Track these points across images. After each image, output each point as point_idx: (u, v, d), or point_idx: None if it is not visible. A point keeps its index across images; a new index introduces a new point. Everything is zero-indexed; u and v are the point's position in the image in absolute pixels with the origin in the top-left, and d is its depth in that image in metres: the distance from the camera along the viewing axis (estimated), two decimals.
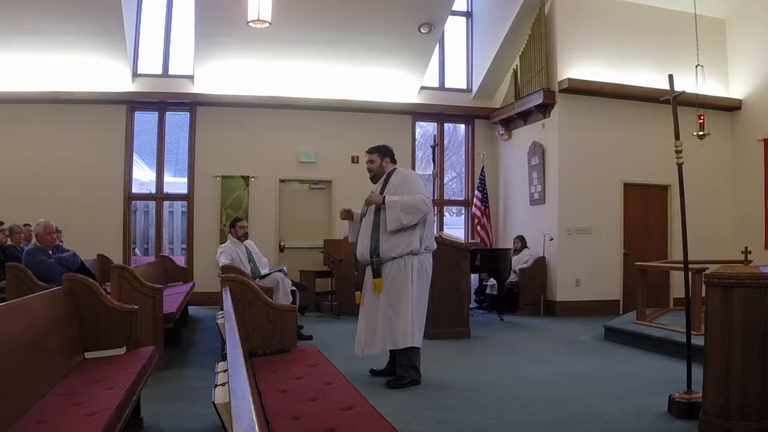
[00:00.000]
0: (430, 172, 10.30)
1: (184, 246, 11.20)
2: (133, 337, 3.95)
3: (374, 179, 5.03)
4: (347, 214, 5.10)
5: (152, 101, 9.95)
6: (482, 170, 10.57)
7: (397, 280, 4.71)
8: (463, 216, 11.71)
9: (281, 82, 9.92)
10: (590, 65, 9.24)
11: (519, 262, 9.40)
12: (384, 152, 5.02)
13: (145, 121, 11.22)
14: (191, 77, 9.90)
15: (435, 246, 4.96)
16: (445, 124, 11.49)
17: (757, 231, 9.14)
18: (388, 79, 10.31)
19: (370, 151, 5.05)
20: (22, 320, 2.96)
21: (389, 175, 4.93)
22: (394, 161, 5.04)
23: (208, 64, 9.63)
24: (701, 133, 7.68)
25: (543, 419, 3.89)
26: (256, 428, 1.29)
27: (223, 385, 2.12)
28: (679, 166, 4.26)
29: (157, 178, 10.30)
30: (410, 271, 4.73)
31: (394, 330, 4.68)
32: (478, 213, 10.52)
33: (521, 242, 9.74)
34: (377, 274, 4.73)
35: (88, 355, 3.75)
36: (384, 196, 4.72)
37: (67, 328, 3.60)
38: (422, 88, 10.68)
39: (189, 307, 8.08)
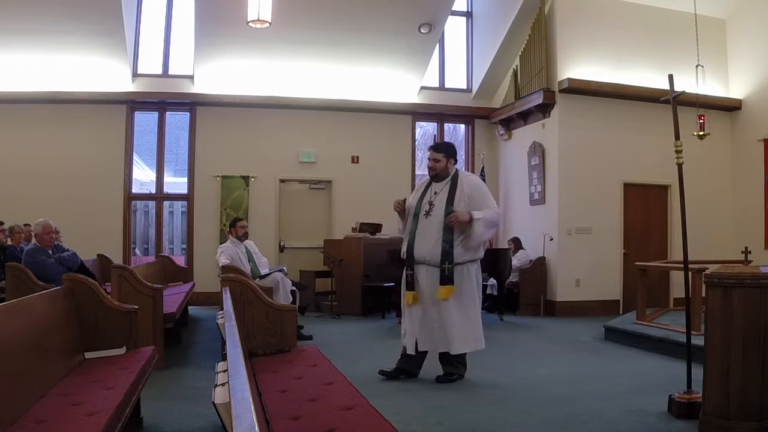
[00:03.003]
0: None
1: (184, 246, 11.20)
2: (133, 337, 3.95)
3: (436, 178, 4.88)
4: (402, 206, 4.93)
5: (152, 101, 9.95)
6: (482, 170, 10.56)
7: (465, 286, 4.73)
8: None
9: (281, 82, 9.92)
10: (590, 65, 9.24)
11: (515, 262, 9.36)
12: (450, 153, 4.92)
13: (145, 121, 11.22)
14: (191, 77, 9.90)
15: None
16: (445, 124, 11.47)
17: (757, 231, 9.14)
18: (388, 79, 10.30)
19: (437, 149, 4.91)
20: (22, 320, 2.96)
21: (455, 178, 4.85)
22: (456, 161, 4.96)
23: (208, 64, 9.63)
24: (701, 133, 7.68)
25: (543, 419, 3.89)
26: (256, 428, 1.29)
27: (223, 385, 2.12)
28: (679, 166, 4.25)
29: (157, 178, 10.30)
30: (474, 278, 4.79)
31: (469, 335, 4.74)
32: None
33: (515, 243, 9.72)
34: (448, 280, 4.65)
35: (88, 355, 3.74)
36: (471, 214, 4.63)
37: (67, 328, 3.60)
38: (422, 88, 10.68)
39: (189, 307, 8.08)
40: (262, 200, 10.08)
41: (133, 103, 9.87)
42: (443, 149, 4.91)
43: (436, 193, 4.84)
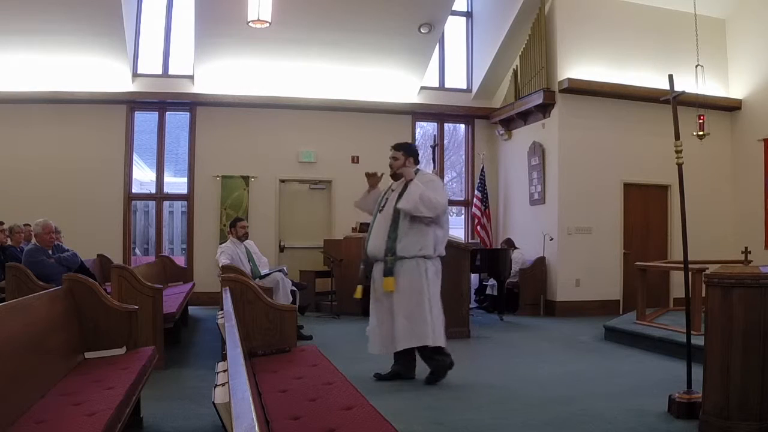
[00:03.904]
0: (430, 172, 10.31)
1: (184, 246, 11.20)
2: (133, 337, 3.95)
3: (395, 177, 4.98)
4: (374, 180, 5.08)
5: (152, 101, 9.95)
6: (482, 170, 10.57)
7: (411, 280, 4.68)
8: (463, 216, 11.71)
9: (281, 82, 9.92)
10: (590, 65, 9.24)
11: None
12: (409, 152, 5.00)
13: (145, 121, 11.22)
14: (191, 77, 9.90)
15: (444, 252, 4.95)
16: (445, 124, 11.49)
17: (757, 231, 9.14)
18: (388, 79, 10.30)
19: (396, 147, 5.03)
20: (22, 320, 2.96)
21: None
22: (417, 162, 5.02)
23: (208, 64, 9.63)
24: (701, 133, 7.68)
25: (543, 419, 3.89)
26: (256, 428, 1.29)
27: (223, 385, 2.12)
28: (679, 166, 4.25)
29: (157, 178, 10.30)
30: (423, 273, 4.72)
31: (413, 329, 4.66)
32: (478, 213, 10.52)
33: (507, 244, 9.70)
34: (389, 272, 4.67)
35: (88, 355, 3.74)
36: (414, 173, 4.74)
37: (67, 328, 3.60)
38: (422, 88, 10.68)
39: (189, 307, 8.08)
40: (262, 200, 10.08)
41: (133, 103, 9.87)
42: (401, 148, 5.03)
43: (393, 190, 4.92)
